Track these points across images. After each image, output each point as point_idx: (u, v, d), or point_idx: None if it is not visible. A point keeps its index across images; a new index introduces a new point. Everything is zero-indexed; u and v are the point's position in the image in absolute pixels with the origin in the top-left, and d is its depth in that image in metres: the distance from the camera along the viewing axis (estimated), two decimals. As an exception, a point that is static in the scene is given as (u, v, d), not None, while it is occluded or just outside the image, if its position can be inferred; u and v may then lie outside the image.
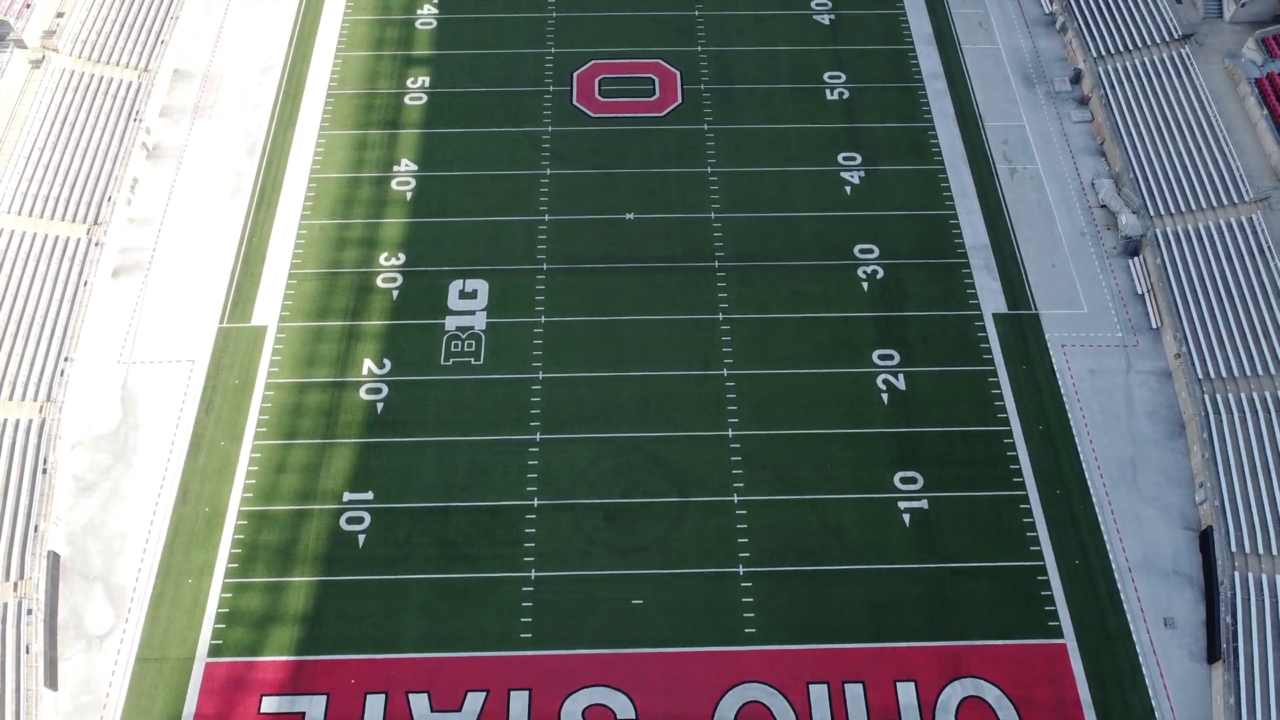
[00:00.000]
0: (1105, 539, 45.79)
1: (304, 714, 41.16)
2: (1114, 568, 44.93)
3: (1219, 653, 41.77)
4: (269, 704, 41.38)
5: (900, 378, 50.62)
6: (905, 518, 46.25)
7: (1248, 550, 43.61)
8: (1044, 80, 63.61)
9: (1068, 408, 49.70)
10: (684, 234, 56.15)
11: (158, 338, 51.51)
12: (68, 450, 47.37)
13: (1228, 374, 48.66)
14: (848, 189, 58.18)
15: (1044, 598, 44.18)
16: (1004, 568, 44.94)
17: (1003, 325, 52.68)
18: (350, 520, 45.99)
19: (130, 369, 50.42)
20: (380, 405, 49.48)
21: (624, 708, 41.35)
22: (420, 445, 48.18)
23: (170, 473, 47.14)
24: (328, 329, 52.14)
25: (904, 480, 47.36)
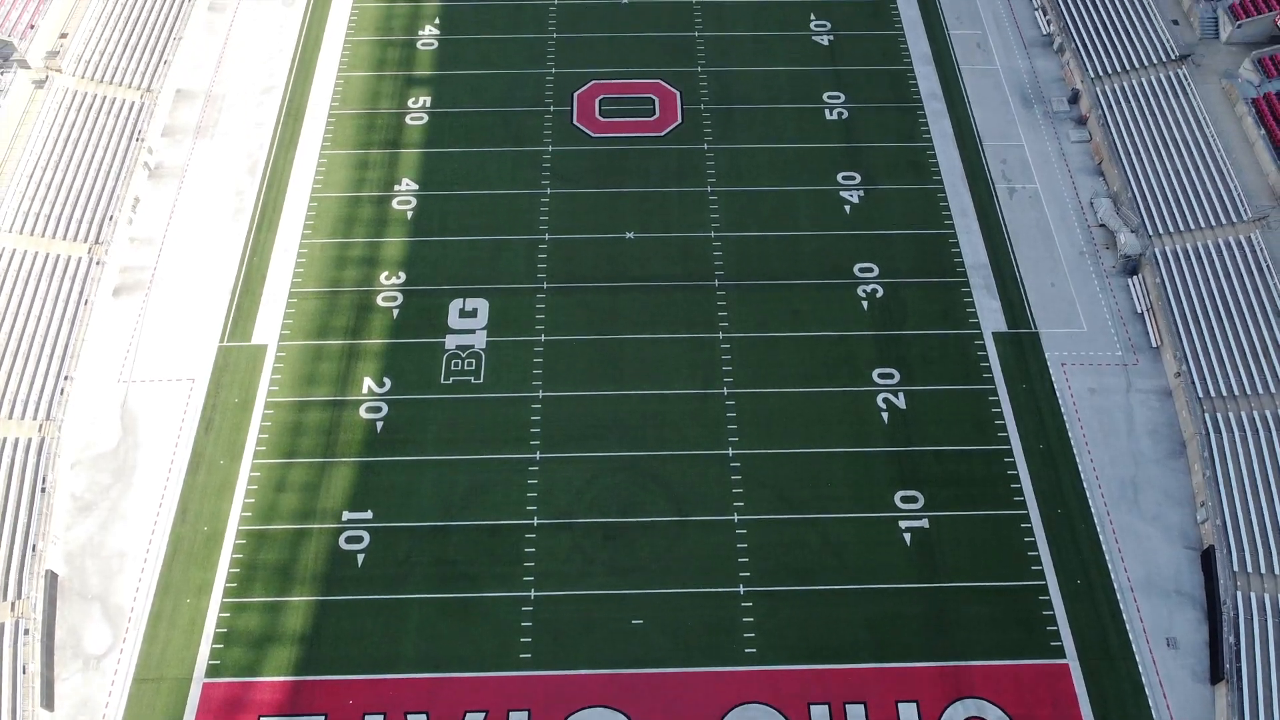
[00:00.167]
0: (1107, 558, 45.65)
1: (302, 735, 40.96)
2: (1116, 587, 44.77)
3: (1222, 673, 41.54)
4: (267, 725, 41.18)
5: (900, 396, 50.61)
6: (906, 537, 46.12)
7: (1250, 570, 43.46)
8: (1042, 100, 63.94)
9: (1068, 427, 49.66)
10: (684, 253, 56.28)
11: (158, 356, 51.54)
12: (67, 469, 47.31)
13: (1228, 393, 48.65)
14: (847, 208, 58.37)
15: (1046, 617, 44.00)
16: (1005, 587, 44.77)
17: (1002, 344, 52.71)
18: (349, 539, 45.87)
19: (130, 387, 50.41)
20: (380, 424, 49.44)
21: (624, 729, 41.14)
22: (420, 464, 48.12)
23: (169, 491, 47.05)
24: (328, 348, 52.17)
25: (904, 499, 47.26)
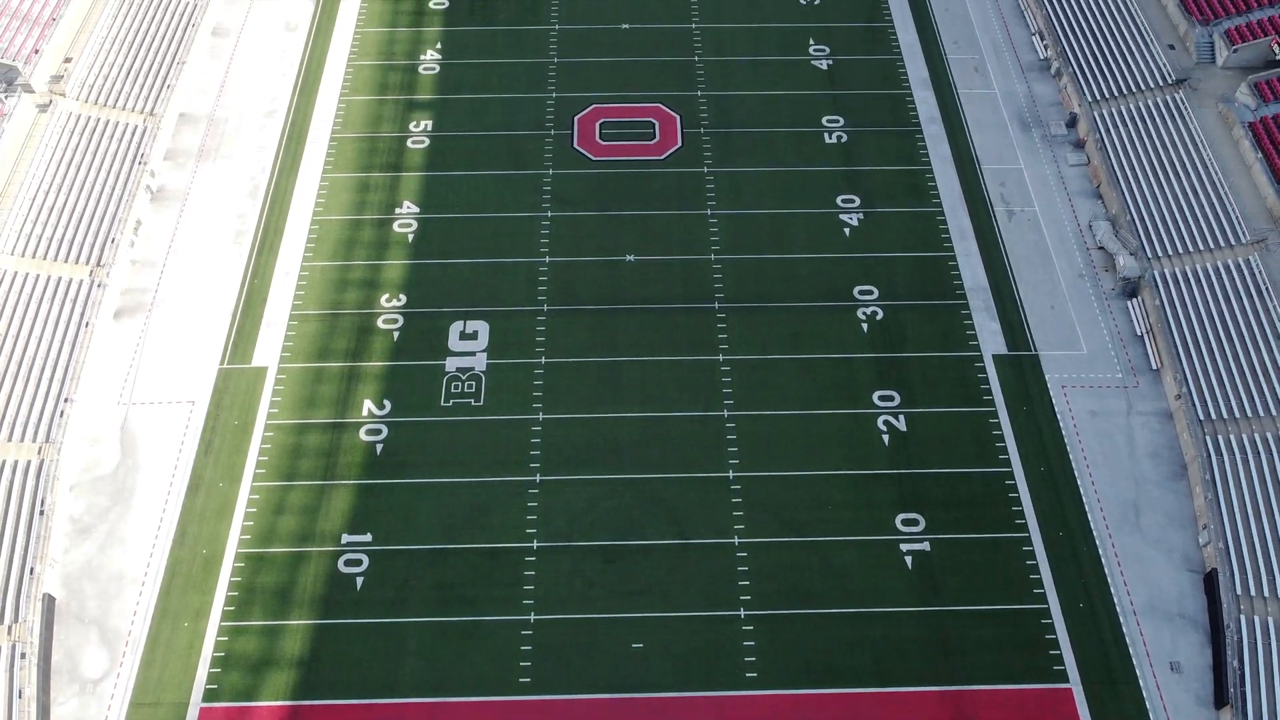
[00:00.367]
0: (1109, 581, 45.43)
1: (299, 760, 40.61)
2: (1118, 611, 44.54)
3: (1227, 698, 41.23)
4: (264, 750, 40.86)
5: (901, 419, 50.56)
6: (907, 560, 45.93)
7: (1253, 593, 43.24)
8: (1040, 124, 64.29)
9: (1069, 449, 49.58)
10: (684, 275, 56.40)
11: (158, 379, 51.53)
12: (66, 492, 47.18)
13: (1229, 415, 48.60)
14: (847, 231, 58.55)
15: (1048, 641, 43.73)
16: (1007, 610, 44.54)
17: (1003, 366, 52.72)
18: (349, 562, 45.68)
19: (130, 410, 50.37)
20: (380, 446, 49.36)
21: (624, 754, 40.77)
22: (419, 486, 48.00)
23: (168, 514, 46.91)
24: (328, 370, 52.18)
25: (905, 522, 47.11)
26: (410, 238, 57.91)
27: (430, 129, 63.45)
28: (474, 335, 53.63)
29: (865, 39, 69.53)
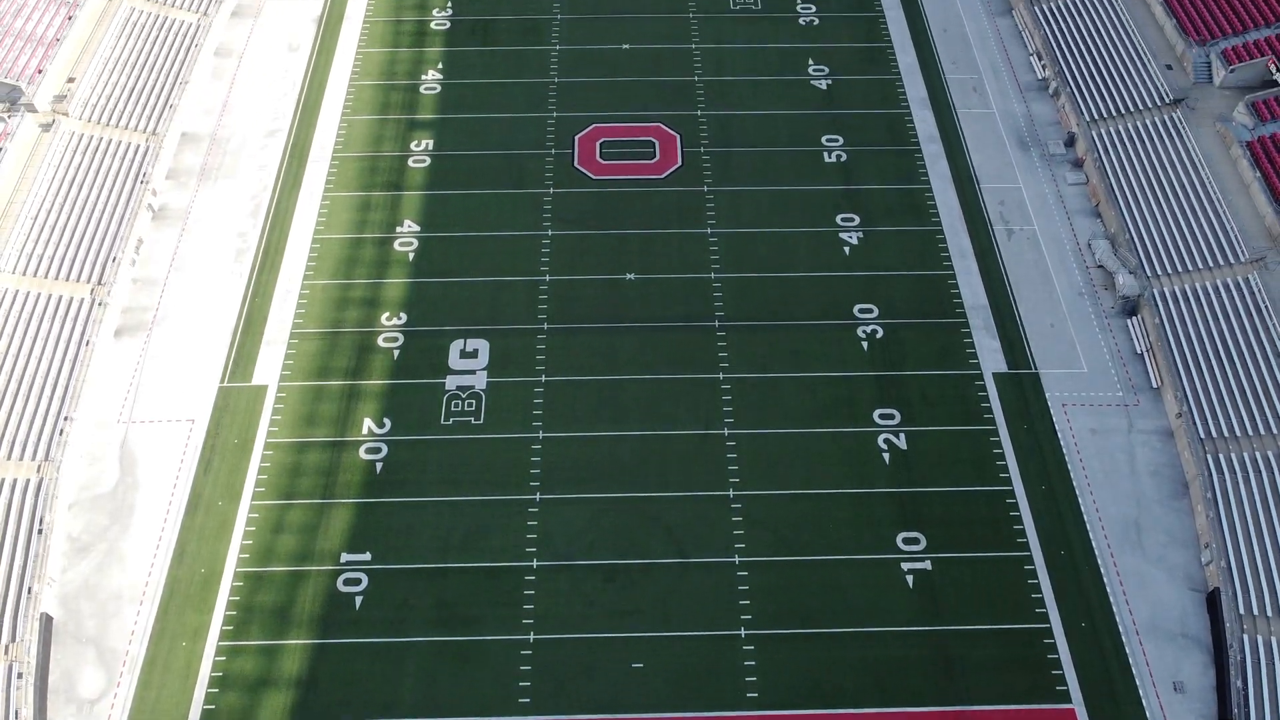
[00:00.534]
0: (1111, 601, 45.22)
1: (297, 782, 40.33)
2: (1121, 630, 44.31)
3: (1230, 718, 40.97)
4: (261, 771, 40.58)
5: (901, 437, 50.50)
6: (909, 579, 45.75)
7: (1256, 613, 43.05)
8: (1038, 143, 64.55)
9: (1070, 468, 49.49)
10: (684, 294, 56.48)
11: (158, 397, 51.51)
12: (65, 510, 47.07)
13: (1229, 433, 48.54)
14: (846, 249, 58.68)
15: (1051, 661, 43.49)
16: (1009, 630, 44.33)
17: (1003, 385, 52.70)
18: (348, 581, 45.51)
19: (130, 428, 50.32)
20: (380, 465, 49.28)
21: (624, 775, 40.53)
22: (419, 505, 47.88)
23: (167, 533, 46.78)
24: (328, 388, 52.16)
25: (906, 541, 46.96)
26: (411, 256, 58.04)
27: (431, 148, 63.71)
28: (474, 354, 53.65)
29: (864, 59, 69.93)
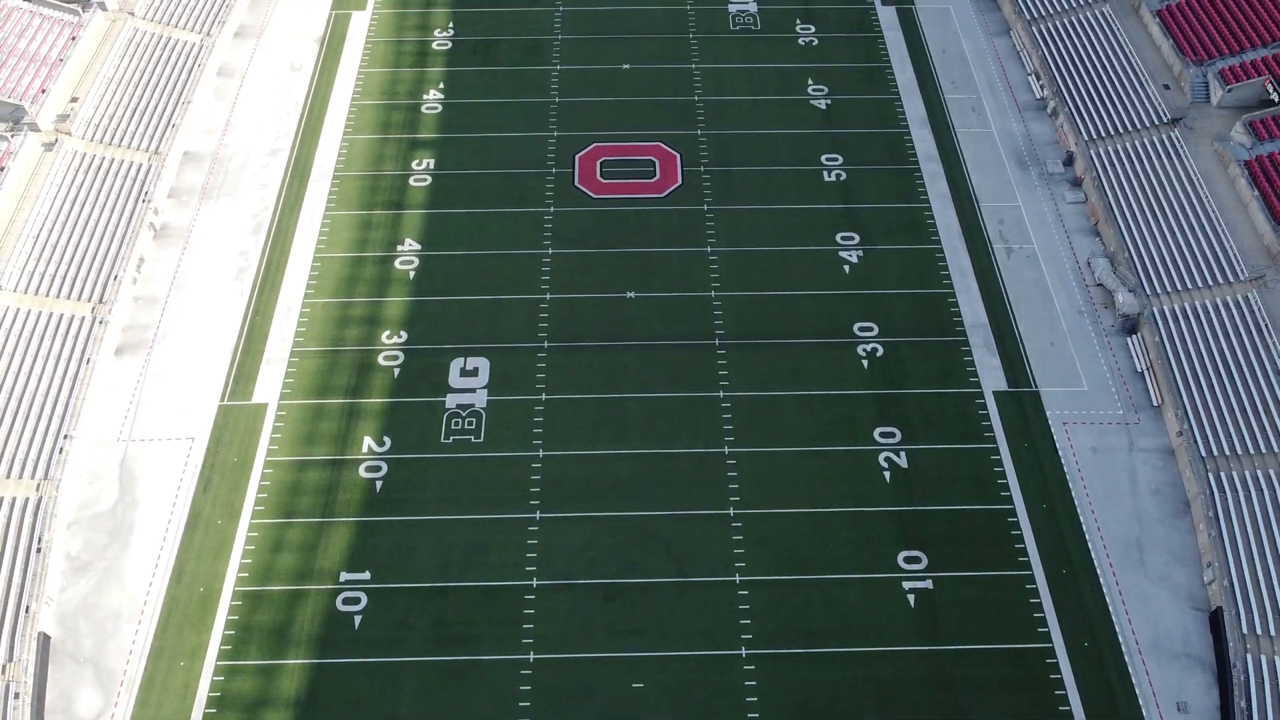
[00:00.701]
0: (1114, 620, 45.03)
1: (295, 803, 40.04)
2: (1124, 650, 44.09)
3: (1234, 738, 40.77)
4: (259, 792, 40.29)
5: (902, 455, 50.42)
6: (910, 598, 45.56)
7: (1259, 632, 42.84)
8: (1037, 162, 64.79)
9: (1071, 486, 49.38)
10: (684, 313, 56.54)
11: (158, 415, 51.49)
12: (64, 529, 46.95)
13: (1230, 451, 48.46)
14: (846, 268, 58.79)
15: (1053, 680, 43.25)
16: (1011, 649, 44.10)
17: (1003, 403, 52.66)
18: (347, 600, 45.33)
19: (129, 447, 50.27)
20: (379, 483, 49.19)
21: (624, 796, 40.20)
22: (419, 524, 47.76)
23: (166, 552, 46.63)
24: (328, 407, 52.14)
25: (908, 560, 46.80)
26: (411, 275, 58.15)
27: (432, 167, 63.95)
28: (474, 372, 53.66)
29: (863, 79, 70.30)
